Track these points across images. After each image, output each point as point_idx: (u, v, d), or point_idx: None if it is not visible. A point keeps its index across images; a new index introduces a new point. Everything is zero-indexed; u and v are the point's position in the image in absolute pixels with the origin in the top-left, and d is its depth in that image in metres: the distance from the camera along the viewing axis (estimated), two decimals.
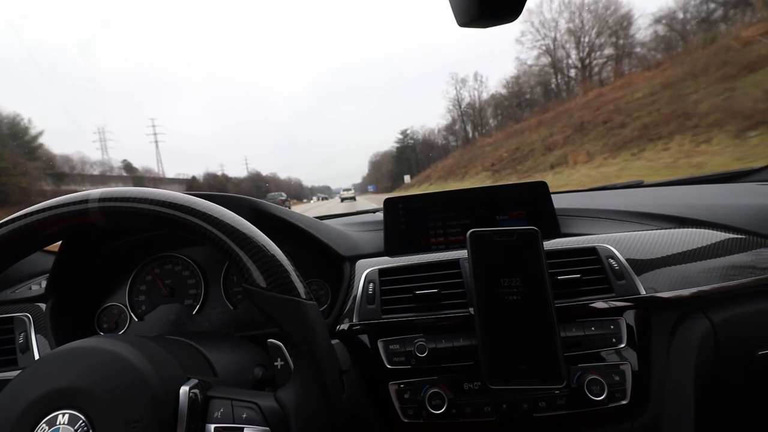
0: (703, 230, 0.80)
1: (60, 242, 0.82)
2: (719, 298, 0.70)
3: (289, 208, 0.98)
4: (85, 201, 0.49)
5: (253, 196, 0.86)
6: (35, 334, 0.81)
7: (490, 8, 0.39)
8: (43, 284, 0.89)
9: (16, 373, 0.46)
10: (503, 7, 0.39)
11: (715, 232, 0.80)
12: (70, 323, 0.86)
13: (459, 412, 0.66)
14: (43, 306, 0.84)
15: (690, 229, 0.81)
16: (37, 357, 0.78)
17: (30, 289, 0.94)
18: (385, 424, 0.69)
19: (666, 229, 0.84)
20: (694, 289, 0.69)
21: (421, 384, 0.67)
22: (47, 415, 0.40)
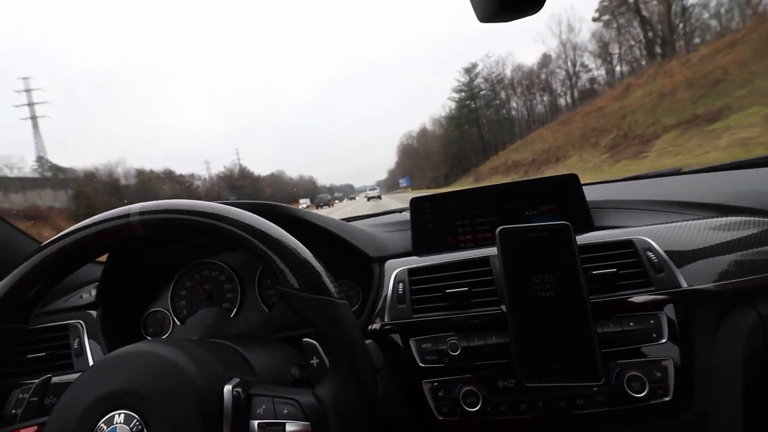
0: (747, 218, 0.76)
1: (107, 253, 0.87)
2: (767, 290, 0.67)
3: (332, 206, 1.00)
4: (127, 215, 0.53)
5: (225, 199, 0.88)
6: (88, 339, 0.86)
7: (511, 1, 0.39)
8: (93, 292, 0.95)
9: (73, 375, 0.50)
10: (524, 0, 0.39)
11: (761, 219, 0.75)
12: (119, 328, 0.91)
13: (494, 409, 0.65)
14: (94, 313, 0.90)
15: (733, 218, 0.77)
16: (90, 360, 0.83)
17: (81, 297, 1.00)
18: (420, 421, 0.69)
19: (707, 218, 0.80)
20: (738, 281, 0.66)
21: (454, 382, 0.67)
22: (105, 416, 0.43)
